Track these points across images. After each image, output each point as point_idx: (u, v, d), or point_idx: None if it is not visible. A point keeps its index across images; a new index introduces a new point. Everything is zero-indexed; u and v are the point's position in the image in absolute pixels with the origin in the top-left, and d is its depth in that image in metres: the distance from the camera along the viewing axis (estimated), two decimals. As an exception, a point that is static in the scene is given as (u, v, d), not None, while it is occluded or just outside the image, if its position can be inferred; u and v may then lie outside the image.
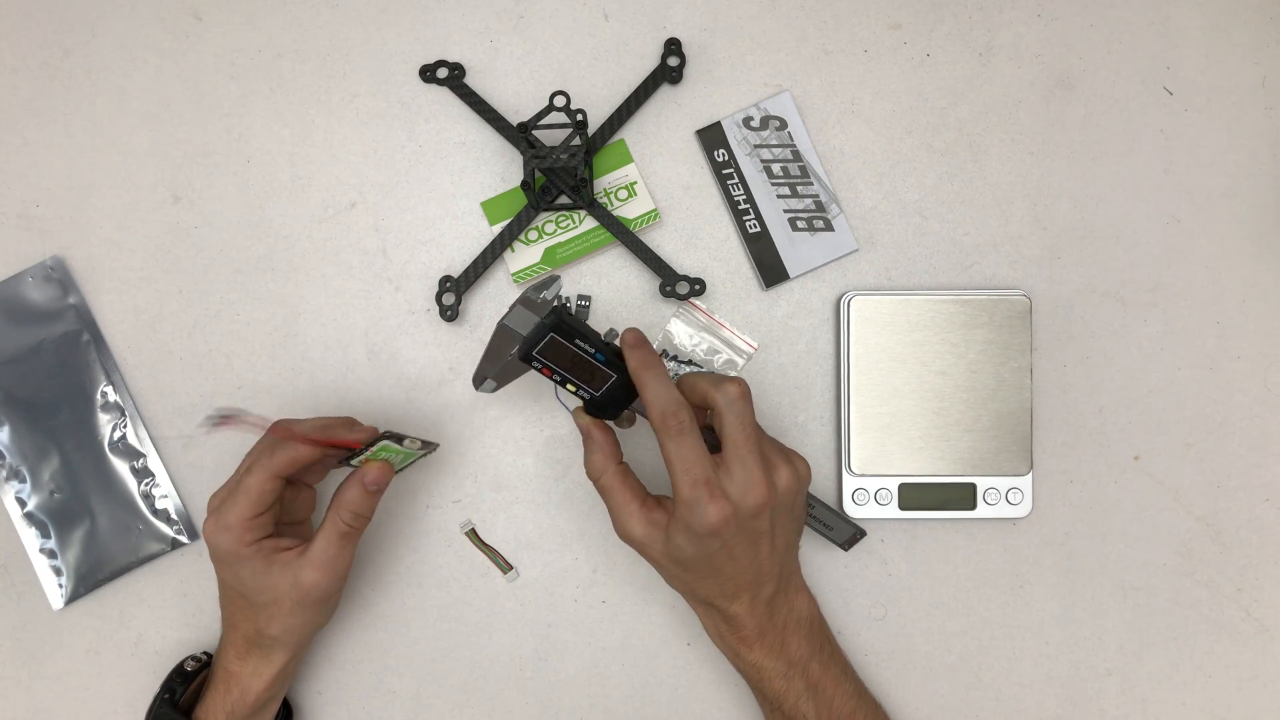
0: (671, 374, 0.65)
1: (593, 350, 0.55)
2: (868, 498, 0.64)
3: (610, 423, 0.58)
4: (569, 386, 0.56)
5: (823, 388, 0.66)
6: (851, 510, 0.64)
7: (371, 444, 0.56)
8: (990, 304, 0.64)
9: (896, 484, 0.64)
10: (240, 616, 0.58)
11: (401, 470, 0.60)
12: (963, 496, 0.64)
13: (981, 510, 0.64)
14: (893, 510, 0.64)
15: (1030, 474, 0.64)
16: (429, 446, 0.59)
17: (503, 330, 0.55)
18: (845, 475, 0.64)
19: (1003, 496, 0.64)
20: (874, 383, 0.64)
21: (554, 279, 0.56)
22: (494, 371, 0.56)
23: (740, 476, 0.53)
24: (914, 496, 0.64)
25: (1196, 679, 0.65)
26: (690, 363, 0.65)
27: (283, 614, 0.57)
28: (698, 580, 0.56)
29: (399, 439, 0.57)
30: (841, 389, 0.64)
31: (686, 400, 0.54)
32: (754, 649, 0.57)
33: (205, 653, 0.63)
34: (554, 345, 0.55)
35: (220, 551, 0.56)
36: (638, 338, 0.56)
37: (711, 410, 0.55)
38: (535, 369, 0.56)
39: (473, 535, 0.65)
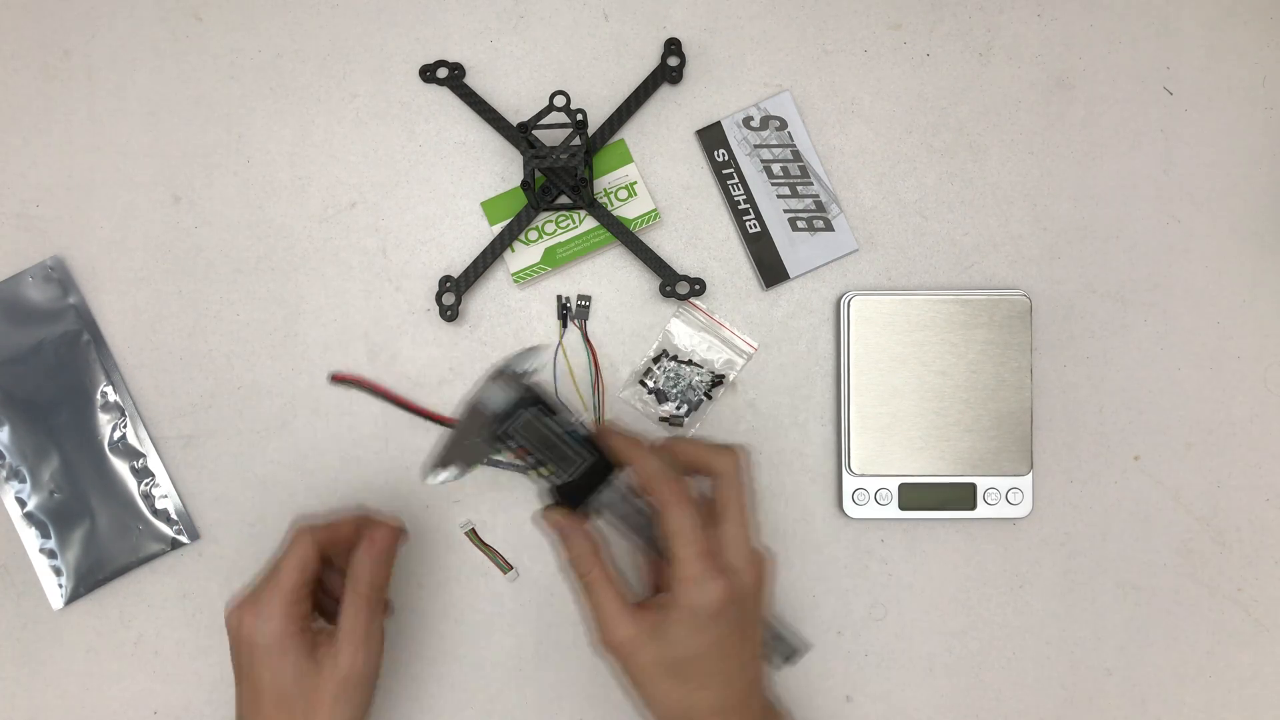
0: (672, 373, 0.65)
1: (567, 429, 0.52)
2: (868, 498, 0.64)
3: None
4: (542, 470, 0.52)
5: (823, 388, 0.66)
6: (852, 510, 0.64)
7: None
8: (990, 304, 0.64)
9: (896, 484, 0.64)
10: None
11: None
12: (963, 496, 0.64)
13: (982, 510, 0.64)
14: (893, 510, 0.64)
15: (1030, 474, 0.64)
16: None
17: (474, 409, 0.51)
18: (845, 475, 0.64)
19: (1003, 496, 0.64)
20: (874, 383, 0.64)
21: (534, 350, 0.53)
22: (458, 457, 0.52)
23: (737, 550, 0.51)
24: (914, 496, 0.64)
25: (1196, 679, 0.65)
26: (690, 362, 0.65)
27: (324, 712, 0.52)
28: (696, 691, 0.50)
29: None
30: (841, 389, 0.64)
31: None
32: None
33: None
34: (529, 424, 0.51)
35: (262, 643, 0.52)
36: (612, 424, 0.54)
37: (712, 478, 0.53)
38: (509, 448, 0.52)
39: (473, 535, 0.65)
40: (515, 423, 0.51)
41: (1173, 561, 0.65)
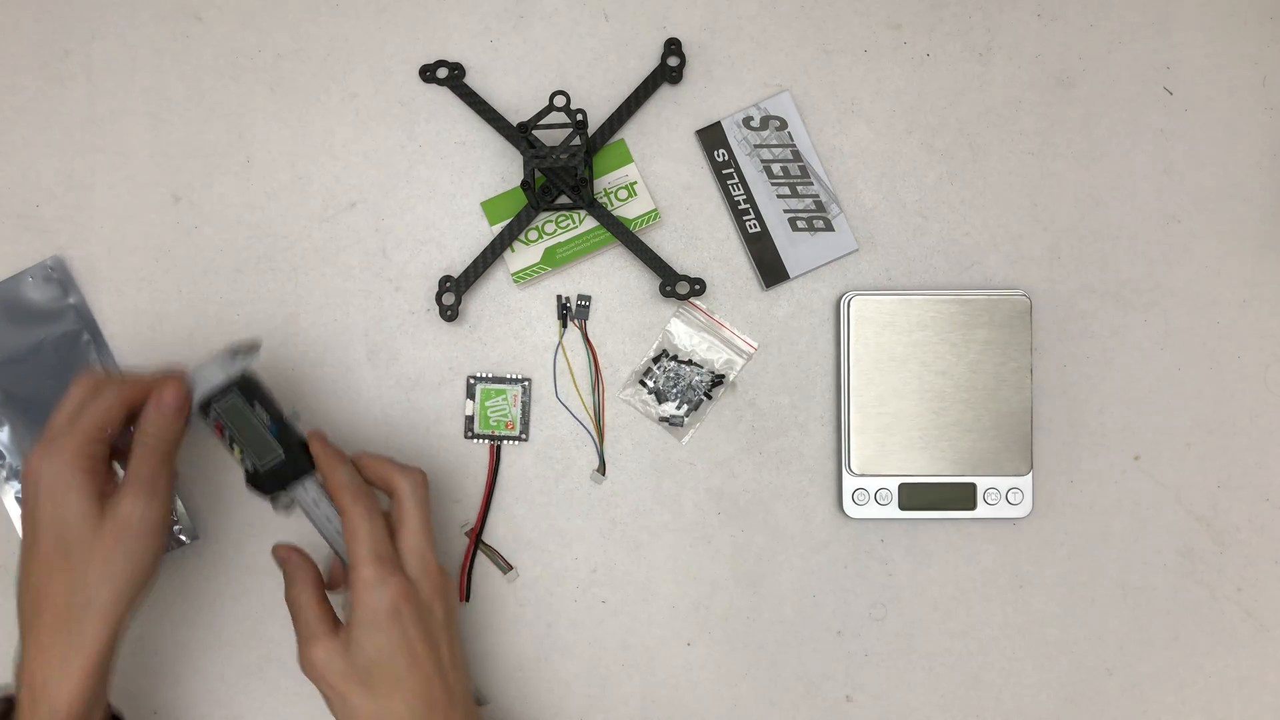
0: (672, 373, 0.65)
1: (269, 421, 0.55)
2: (868, 498, 0.64)
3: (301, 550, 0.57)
4: (236, 451, 0.55)
5: (823, 388, 0.66)
6: (852, 510, 0.64)
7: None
8: (990, 304, 0.64)
9: (896, 484, 0.64)
10: (49, 582, 0.51)
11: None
12: (963, 496, 0.64)
13: (982, 510, 0.64)
14: (893, 510, 0.64)
15: (1030, 474, 0.64)
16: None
17: (193, 380, 0.55)
18: (845, 475, 0.64)
19: (1003, 496, 0.64)
20: (874, 383, 0.64)
21: (255, 346, 0.57)
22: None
23: (415, 561, 0.53)
24: (914, 496, 0.64)
25: (1196, 679, 0.65)
26: (690, 362, 0.65)
27: (100, 558, 0.51)
28: (385, 700, 0.51)
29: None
30: (841, 389, 0.64)
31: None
32: None
33: (7, 696, 0.54)
34: (233, 407, 0.55)
35: (48, 480, 0.51)
36: (320, 432, 0.57)
37: (391, 495, 0.55)
38: (208, 423, 0.55)
39: (473, 535, 0.65)
40: (222, 401, 0.55)
41: (1173, 561, 0.65)
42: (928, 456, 0.64)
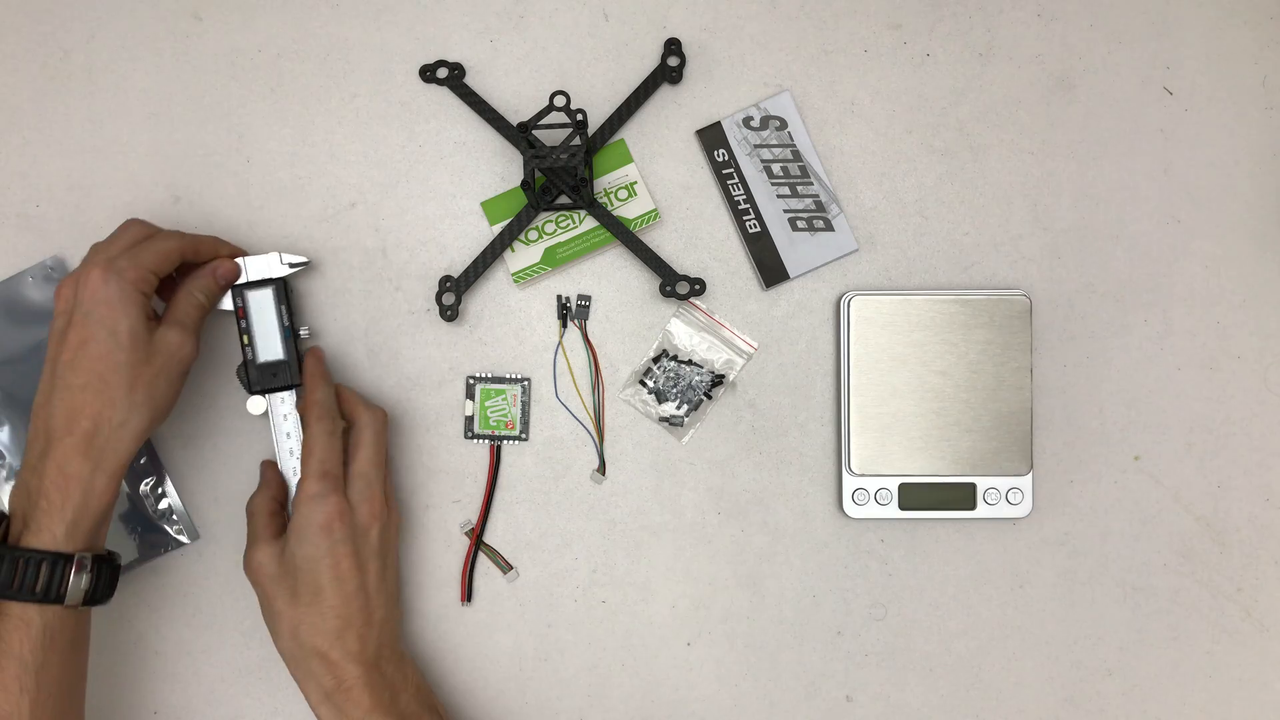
0: (672, 373, 0.65)
1: (294, 329, 0.61)
2: (868, 497, 0.64)
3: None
4: (244, 339, 0.61)
5: (823, 388, 0.66)
6: (852, 510, 0.64)
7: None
8: (990, 304, 0.64)
9: (896, 484, 0.64)
10: (84, 399, 0.53)
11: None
12: (963, 496, 0.64)
13: (982, 510, 0.64)
14: (893, 510, 0.64)
15: (1030, 474, 0.64)
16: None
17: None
18: (845, 475, 0.64)
19: (1003, 496, 0.64)
20: (874, 382, 0.64)
21: (305, 261, 0.63)
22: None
23: (360, 485, 0.57)
24: (914, 496, 0.64)
25: (1196, 679, 0.65)
26: (690, 362, 0.65)
27: (145, 381, 0.54)
28: (304, 611, 0.55)
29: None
30: (841, 389, 0.64)
31: None
32: (362, 702, 0.55)
33: None
34: (263, 298, 0.61)
35: (106, 296, 0.54)
36: (321, 353, 0.62)
37: (351, 427, 0.59)
38: (235, 305, 0.61)
39: (473, 535, 0.65)
40: (255, 290, 0.62)
41: (1173, 561, 0.65)
42: (927, 456, 0.64)
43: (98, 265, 0.55)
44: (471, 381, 0.65)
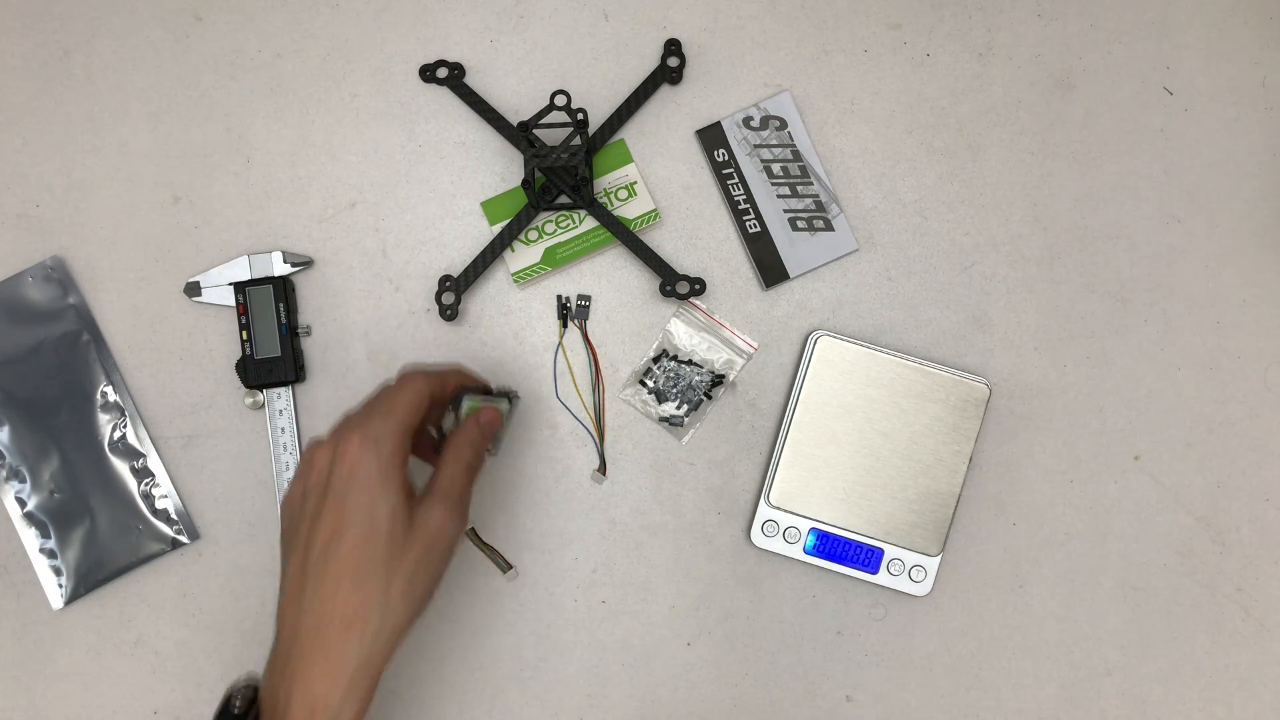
0: (672, 373, 0.65)
1: (284, 324, 0.64)
2: (776, 531, 0.63)
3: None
4: (243, 335, 0.64)
5: (823, 388, 0.66)
6: (758, 540, 0.63)
7: (457, 402, 0.55)
8: (951, 383, 0.63)
9: (809, 527, 0.63)
10: (343, 590, 0.47)
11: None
12: (868, 559, 0.63)
13: (883, 578, 0.63)
14: (797, 551, 0.63)
15: (939, 556, 0.63)
16: (509, 397, 0.57)
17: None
18: (762, 504, 0.63)
19: (906, 571, 0.63)
20: (816, 423, 0.63)
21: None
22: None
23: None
24: (822, 544, 0.63)
25: (1196, 679, 0.65)
26: (690, 362, 0.65)
27: (406, 571, 0.47)
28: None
29: (483, 392, 0.56)
30: (783, 421, 0.64)
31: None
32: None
33: (251, 684, 0.50)
34: (261, 297, 0.64)
35: (365, 470, 0.47)
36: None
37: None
38: (237, 302, 0.64)
39: (473, 535, 0.65)
40: (254, 287, 0.64)
41: (1173, 561, 0.65)
42: (845, 510, 0.63)
43: (357, 431, 0.49)
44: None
